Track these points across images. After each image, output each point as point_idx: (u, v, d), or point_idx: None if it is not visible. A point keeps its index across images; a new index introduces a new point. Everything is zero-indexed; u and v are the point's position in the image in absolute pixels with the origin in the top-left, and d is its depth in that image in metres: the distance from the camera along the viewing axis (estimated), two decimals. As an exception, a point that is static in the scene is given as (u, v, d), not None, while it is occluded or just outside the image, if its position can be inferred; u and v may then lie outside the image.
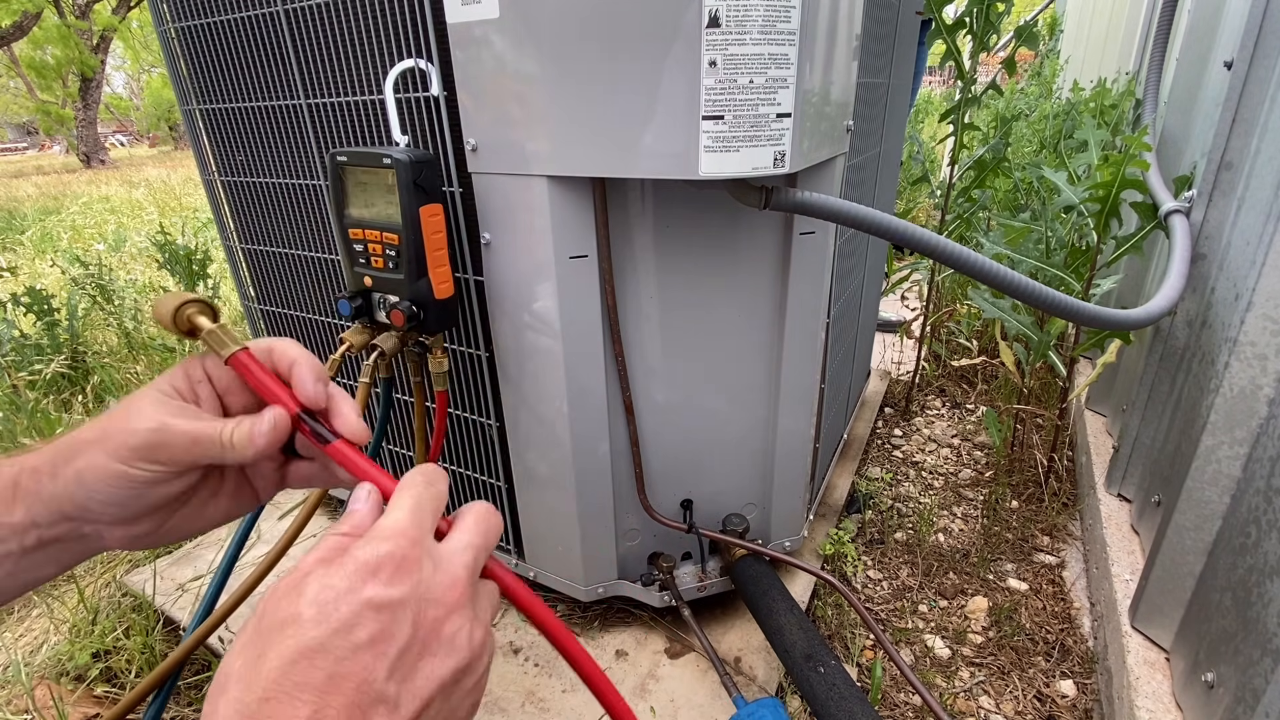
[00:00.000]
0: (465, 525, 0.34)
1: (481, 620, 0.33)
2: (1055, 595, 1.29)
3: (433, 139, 0.87)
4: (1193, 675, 0.85)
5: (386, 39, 0.85)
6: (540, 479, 1.02)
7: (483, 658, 0.32)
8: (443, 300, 0.81)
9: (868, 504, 1.55)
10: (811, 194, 0.78)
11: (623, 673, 1.06)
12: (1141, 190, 1.17)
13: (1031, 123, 2.64)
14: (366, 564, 0.29)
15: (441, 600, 0.30)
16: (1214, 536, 0.89)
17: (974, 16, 1.49)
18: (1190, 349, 1.05)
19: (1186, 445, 0.96)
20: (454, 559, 0.32)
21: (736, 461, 1.07)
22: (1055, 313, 0.86)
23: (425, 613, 0.30)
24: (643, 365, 0.96)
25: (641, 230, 0.88)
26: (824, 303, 0.99)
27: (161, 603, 1.23)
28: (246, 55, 1.01)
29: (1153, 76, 1.54)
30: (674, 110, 0.70)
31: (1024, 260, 1.38)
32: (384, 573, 0.29)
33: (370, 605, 0.28)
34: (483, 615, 0.33)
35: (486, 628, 0.33)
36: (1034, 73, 4.15)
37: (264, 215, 1.16)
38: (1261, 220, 0.86)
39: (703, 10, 0.65)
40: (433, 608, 0.30)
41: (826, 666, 0.89)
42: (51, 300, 2.17)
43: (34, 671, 1.13)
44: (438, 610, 0.30)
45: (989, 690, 1.10)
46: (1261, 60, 0.92)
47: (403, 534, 0.31)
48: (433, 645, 0.30)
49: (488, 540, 0.34)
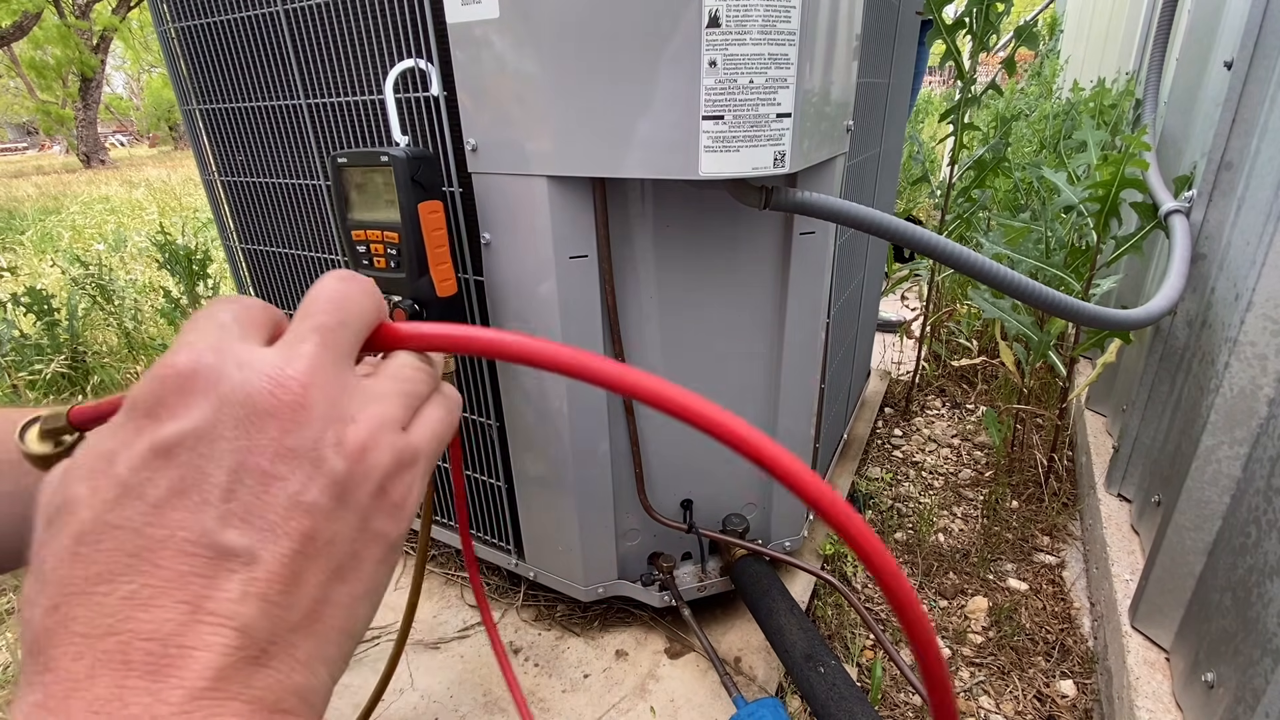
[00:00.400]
0: (302, 310, 0.25)
1: (365, 417, 0.24)
2: (1055, 595, 1.29)
3: (433, 139, 0.87)
4: (1193, 675, 0.85)
5: (386, 39, 0.85)
6: (540, 479, 1.02)
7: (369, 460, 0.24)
8: (445, 298, 0.81)
9: (868, 504, 1.55)
10: (811, 194, 0.78)
11: (622, 673, 1.06)
12: (1141, 190, 1.17)
13: (1031, 123, 2.64)
14: (135, 405, 0.22)
15: (271, 411, 0.22)
16: (1214, 536, 0.89)
17: (974, 16, 1.49)
18: (1190, 349, 1.05)
19: (1186, 445, 0.96)
20: (281, 352, 0.23)
21: (736, 461, 1.07)
22: (1055, 313, 0.86)
23: (254, 431, 0.21)
24: (643, 365, 0.96)
25: (641, 230, 0.88)
26: (824, 303, 0.99)
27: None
28: (246, 55, 1.01)
29: (1152, 76, 1.54)
30: (674, 110, 0.70)
31: (1024, 260, 1.38)
32: (167, 404, 0.21)
33: (155, 452, 0.21)
34: (367, 410, 0.24)
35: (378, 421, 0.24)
36: (1034, 73, 4.15)
37: (264, 215, 1.16)
38: (1261, 220, 0.86)
39: (703, 10, 0.65)
40: (265, 423, 0.22)
41: (826, 666, 0.89)
42: (51, 300, 2.17)
43: (34, 671, 1.12)
44: (271, 426, 0.22)
45: (989, 690, 1.10)
46: (1261, 60, 0.92)
47: (186, 347, 0.22)
48: (277, 467, 0.22)
49: (345, 314, 0.25)
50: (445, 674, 1.07)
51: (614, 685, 1.04)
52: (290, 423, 0.22)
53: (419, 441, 0.26)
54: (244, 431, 0.21)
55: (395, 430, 0.25)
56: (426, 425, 0.27)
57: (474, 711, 1.01)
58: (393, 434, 0.25)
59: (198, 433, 0.21)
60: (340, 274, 0.27)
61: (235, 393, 0.22)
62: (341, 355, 0.25)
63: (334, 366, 0.24)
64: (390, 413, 0.25)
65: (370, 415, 0.24)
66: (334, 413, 0.23)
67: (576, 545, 1.03)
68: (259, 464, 0.21)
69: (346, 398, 0.24)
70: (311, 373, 0.23)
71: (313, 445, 0.22)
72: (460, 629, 1.16)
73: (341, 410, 0.24)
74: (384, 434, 0.24)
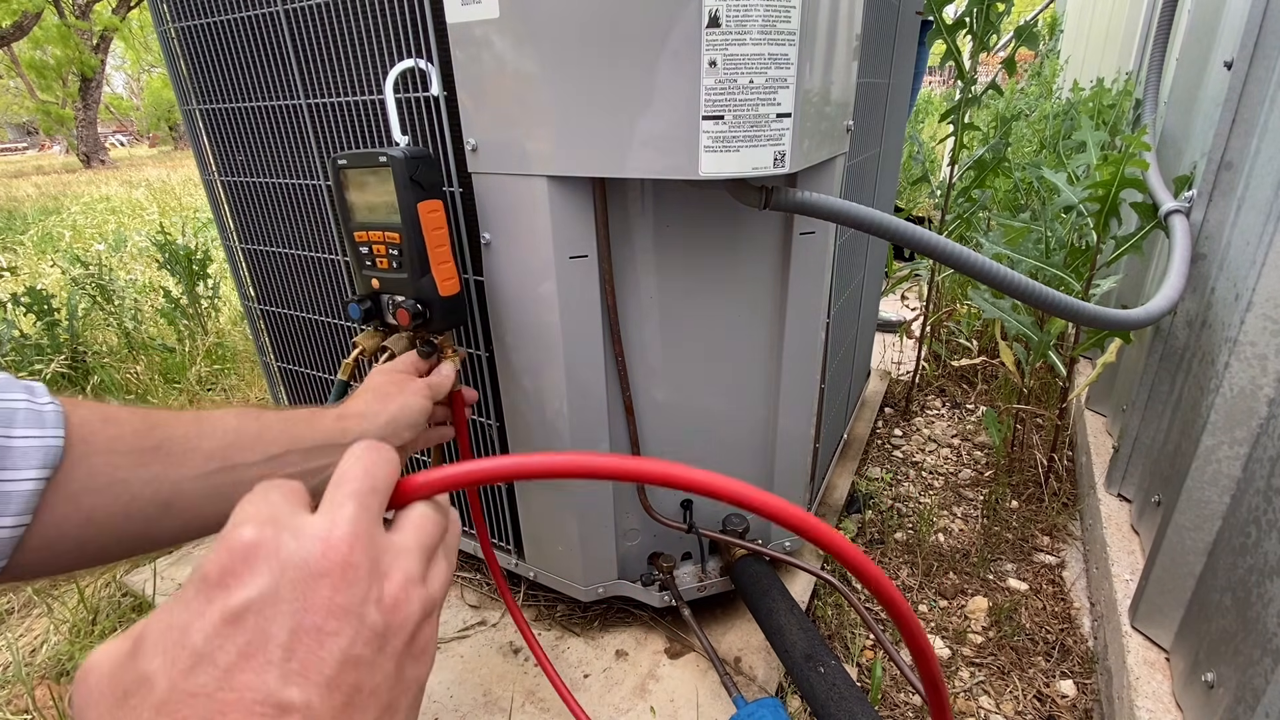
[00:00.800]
0: (334, 482, 0.29)
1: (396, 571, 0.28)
2: (1055, 595, 1.29)
3: (433, 139, 0.87)
4: (1193, 675, 0.85)
5: (386, 39, 0.85)
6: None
7: (402, 612, 0.27)
8: (447, 297, 0.81)
9: (868, 504, 1.55)
10: (811, 194, 0.78)
11: (622, 673, 1.06)
12: (1141, 190, 1.17)
13: (1031, 123, 2.64)
14: (207, 577, 0.25)
15: (325, 572, 0.25)
16: (1214, 536, 0.89)
17: (974, 16, 1.49)
18: (1190, 349, 1.05)
19: (1186, 445, 0.96)
20: (325, 519, 0.27)
21: (736, 461, 1.07)
22: (1055, 313, 0.86)
23: (310, 592, 0.25)
24: (643, 365, 0.96)
25: (641, 230, 0.88)
26: (824, 303, 0.99)
27: (161, 602, 1.23)
28: (246, 55, 1.01)
29: (1152, 76, 1.54)
30: (674, 110, 0.70)
31: (1024, 260, 1.38)
32: (234, 574, 0.24)
33: (225, 620, 0.23)
34: (397, 564, 0.28)
35: (406, 575, 0.28)
36: (1034, 73, 4.15)
37: (264, 215, 1.16)
38: (1261, 220, 0.86)
39: (703, 10, 0.65)
40: (319, 583, 0.25)
41: (826, 666, 0.89)
42: (51, 300, 2.17)
43: (34, 671, 1.13)
44: (325, 586, 0.25)
45: (989, 690, 1.10)
46: (1261, 60, 0.92)
47: (246, 523, 0.26)
48: (329, 623, 0.24)
49: (374, 481, 0.29)
50: (445, 674, 1.07)
51: (614, 685, 1.04)
52: (340, 581, 0.25)
53: (436, 593, 0.30)
54: (301, 592, 0.25)
55: (420, 583, 0.29)
56: (439, 576, 0.31)
57: (474, 711, 1.01)
58: (418, 586, 0.29)
59: (263, 598, 0.24)
60: (366, 444, 0.31)
61: (293, 558, 0.25)
62: (374, 516, 0.29)
63: (370, 527, 0.28)
64: (414, 568, 0.29)
65: (400, 571, 0.28)
66: (375, 570, 0.27)
67: (576, 545, 1.03)
68: (315, 621, 0.24)
69: (380, 554, 0.28)
70: (354, 535, 0.27)
71: (360, 601, 0.26)
72: (460, 629, 1.16)
73: (380, 567, 0.27)
74: (412, 588, 0.28)
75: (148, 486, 0.45)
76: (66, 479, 0.41)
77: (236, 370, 2.33)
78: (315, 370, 1.27)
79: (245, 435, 0.51)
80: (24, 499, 0.39)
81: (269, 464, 0.51)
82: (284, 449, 0.53)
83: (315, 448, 0.55)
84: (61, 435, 0.41)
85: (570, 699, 0.93)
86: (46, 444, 0.40)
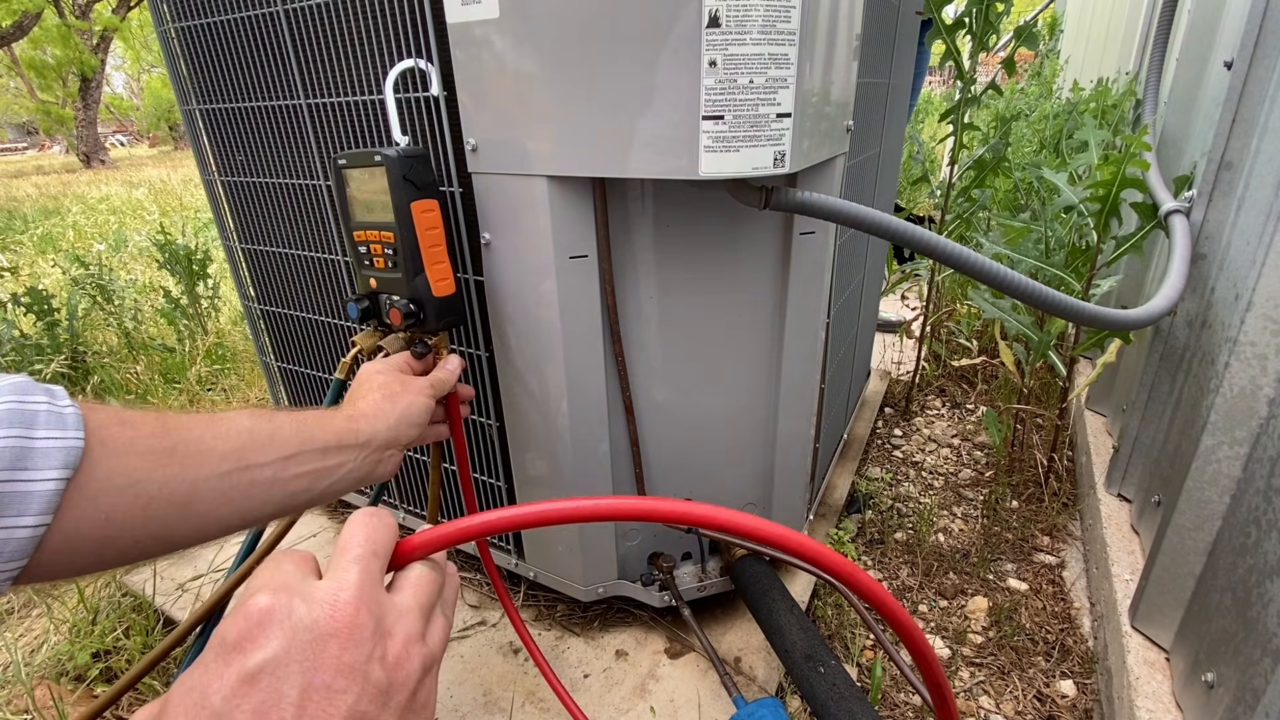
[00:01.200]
0: (338, 549, 0.32)
1: (399, 631, 0.30)
2: (1055, 595, 1.29)
3: (433, 139, 0.87)
4: (1193, 675, 0.85)
5: (386, 39, 0.85)
6: (540, 479, 1.02)
7: (404, 669, 0.29)
8: (441, 298, 0.81)
9: (868, 504, 1.55)
10: (811, 194, 0.78)
11: (622, 673, 1.06)
12: (1141, 190, 1.17)
13: (1031, 123, 2.64)
14: (225, 642, 0.27)
15: (333, 633, 0.28)
16: (1214, 536, 0.89)
17: (973, 16, 1.49)
18: (1190, 349, 1.05)
19: (1186, 445, 0.96)
20: (332, 584, 0.30)
21: (736, 461, 1.07)
22: (1055, 313, 0.86)
23: (320, 653, 0.27)
24: (643, 365, 0.96)
25: (641, 230, 0.88)
26: (824, 303, 0.99)
27: (161, 602, 1.24)
28: (246, 55, 1.01)
29: (1153, 76, 1.54)
30: (674, 110, 0.70)
31: (1024, 260, 1.38)
32: (250, 638, 0.27)
33: (244, 680, 0.26)
34: (400, 624, 0.30)
35: (407, 634, 0.30)
36: (1034, 73, 4.15)
37: (264, 215, 1.16)
38: (1261, 220, 0.86)
39: (703, 10, 0.65)
40: (328, 644, 0.27)
41: (826, 666, 0.89)
42: (51, 300, 2.17)
43: (34, 671, 1.13)
44: (333, 646, 0.27)
45: (989, 690, 1.10)
46: (1261, 60, 0.92)
47: (261, 590, 0.29)
48: (338, 681, 0.27)
49: (375, 545, 0.32)
50: (445, 674, 1.07)
51: (614, 685, 1.04)
52: (348, 641, 0.28)
53: (436, 649, 0.33)
54: (311, 653, 0.27)
55: (419, 640, 0.31)
56: (438, 633, 0.33)
57: (474, 711, 1.01)
58: (418, 644, 0.31)
59: (276, 659, 0.26)
60: (367, 512, 0.34)
61: (303, 621, 0.27)
62: (377, 579, 0.31)
63: (372, 590, 0.30)
64: (414, 627, 0.31)
65: (401, 631, 0.30)
66: (379, 630, 0.29)
67: (576, 545, 1.03)
68: (324, 680, 0.26)
69: (383, 614, 0.30)
70: (359, 598, 0.29)
71: (365, 660, 0.28)
72: (460, 629, 1.16)
73: (384, 627, 0.30)
74: (413, 646, 0.30)
75: (165, 488, 0.45)
76: (86, 480, 0.42)
77: (236, 370, 2.33)
78: (315, 370, 1.27)
79: (259, 436, 0.51)
80: (46, 499, 0.39)
81: (284, 464, 0.52)
82: (297, 449, 0.53)
83: (328, 448, 0.56)
84: (82, 437, 0.41)
85: (568, 699, 0.93)
86: (67, 445, 0.40)
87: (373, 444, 0.60)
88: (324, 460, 0.55)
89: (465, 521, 0.34)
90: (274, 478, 0.51)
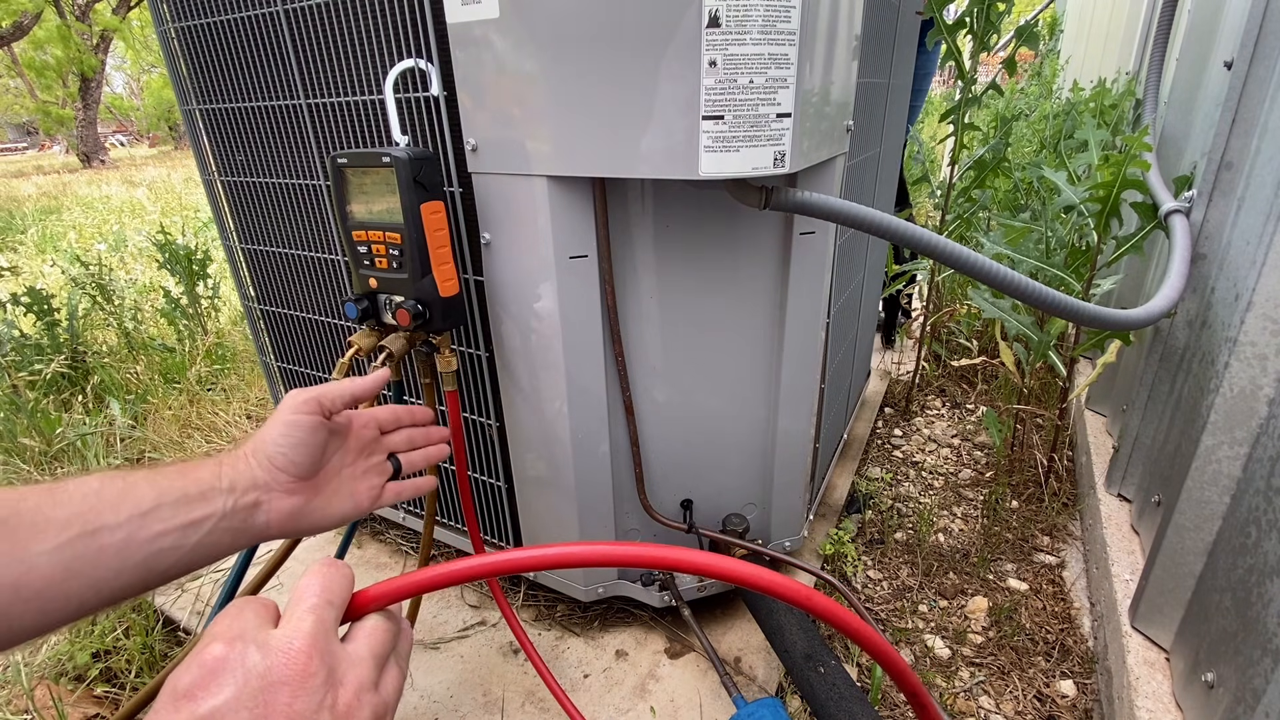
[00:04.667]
0: (293, 599, 0.33)
1: (350, 680, 0.31)
2: (1055, 595, 1.29)
3: (433, 139, 0.87)
4: (1193, 675, 0.85)
5: (386, 39, 0.85)
6: (540, 479, 1.02)
7: (354, 718, 0.30)
8: (448, 298, 0.81)
9: (868, 504, 1.55)
10: (811, 194, 0.78)
11: (622, 673, 1.06)
12: (1142, 190, 1.17)
13: (1031, 123, 2.64)
14: (176, 689, 0.28)
15: (285, 680, 0.28)
16: (1214, 536, 0.89)
17: (974, 16, 1.49)
18: (1190, 349, 1.05)
19: (1186, 445, 0.96)
20: (286, 631, 0.30)
21: (737, 461, 1.07)
22: (1055, 313, 0.86)
23: (271, 699, 0.28)
24: (643, 365, 0.96)
25: (641, 230, 0.88)
26: (824, 303, 0.99)
27: (161, 602, 1.24)
28: (246, 55, 1.01)
29: (1153, 76, 1.54)
30: (674, 110, 0.70)
31: (1024, 260, 1.38)
32: (202, 685, 0.28)
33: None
34: (351, 673, 0.31)
35: (359, 683, 0.31)
36: (1034, 73, 4.15)
37: (264, 215, 1.16)
38: (1261, 220, 0.86)
39: (703, 10, 0.65)
40: (279, 691, 0.28)
41: (826, 666, 0.89)
42: (51, 300, 2.17)
43: (34, 671, 1.13)
44: (284, 693, 0.28)
45: (989, 690, 1.10)
46: (1261, 60, 0.92)
47: (216, 639, 0.29)
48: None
49: (330, 595, 0.33)
50: (445, 674, 1.07)
51: (614, 685, 1.04)
52: (299, 689, 0.28)
53: (389, 698, 0.33)
54: (262, 700, 0.27)
55: (371, 689, 0.32)
56: (391, 683, 0.34)
57: (474, 711, 1.01)
58: (370, 693, 0.31)
59: (227, 705, 0.27)
60: (325, 562, 0.34)
61: (255, 669, 0.28)
62: (330, 629, 0.31)
63: (325, 639, 0.31)
64: (366, 676, 0.32)
65: (353, 680, 0.31)
66: (330, 679, 0.30)
67: (576, 545, 1.03)
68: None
69: (335, 663, 0.30)
70: (312, 647, 0.30)
71: (315, 708, 0.28)
72: (460, 629, 1.16)
73: (335, 676, 0.30)
74: (364, 694, 0.31)
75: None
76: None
77: (236, 370, 2.33)
78: (315, 370, 1.27)
79: (107, 496, 0.44)
80: None
81: (139, 521, 0.45)
82: (153, 503, 0.46)
83: (188, 498, 0.48)
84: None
85: (566, 701, 0.93)
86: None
87: (238, 486, 0.50)
88: (187, 512, 0.47)
89: (421, 574, 0.35)
90: (128, 539, 0.44)
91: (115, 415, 1.95)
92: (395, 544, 1.39)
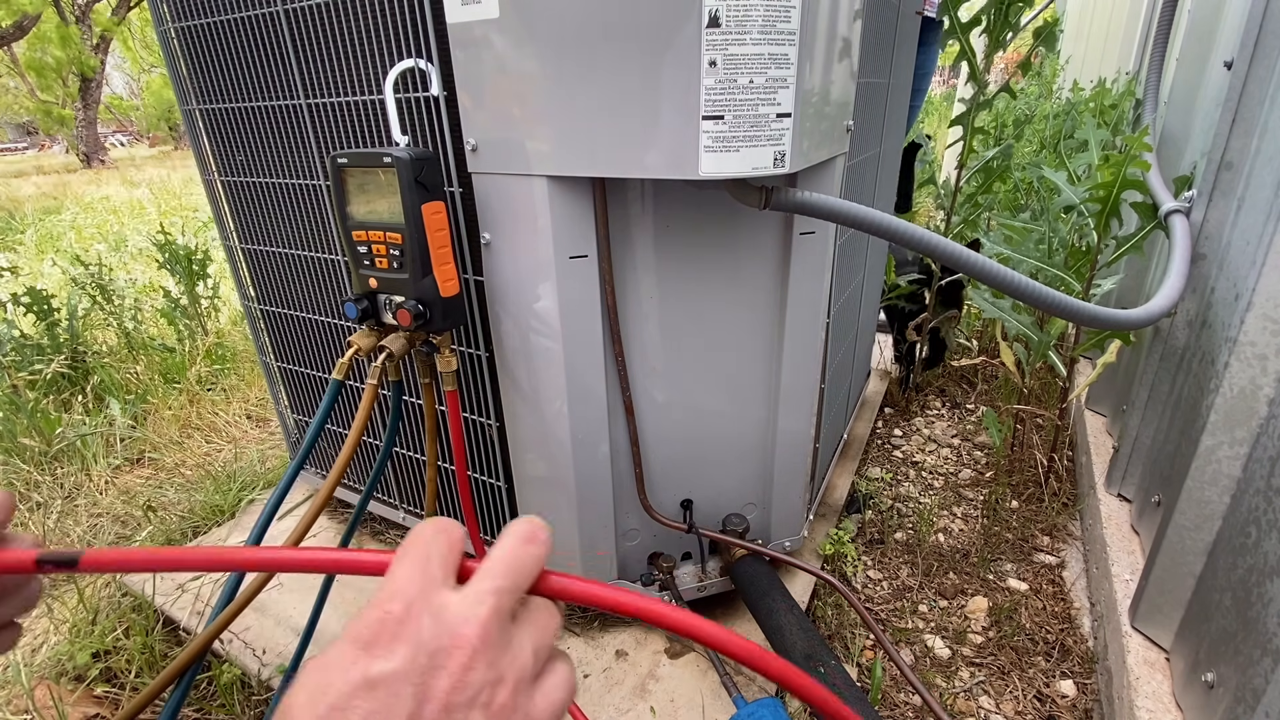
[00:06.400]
0: (485, 568, 0.31)
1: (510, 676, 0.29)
2: (1055, 595, 1.29)
3: (433, 139, 0.87)
4: (1193, 675, 0.85)
5: (386, 39, 0.85)
6: (540, 479, 1.02)
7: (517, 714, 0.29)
8: (449, 298, 0.81)
9: (868, 504, 1.55)
10: (811, 194, 0.78)
11: (622, 673, 1.06)
12: (1142, 190, 1.17)
13: (1031, 123, 2.64)
14: (359, 637, 0.27)
15: (448, 669, 0.27)
16: (1214, 536, 0.89)
17: (991, 15, 1.46)
18: (1190, 349, 1.05)
19: (1186, 445, 0.96)
20: (463, 610, 0.29)
21: (737, 461, 1.07)
22: (1055, 313, 0.86)
23: (432, 682, 0.27)
24: (643, 365, 0.96)
25: (641, 230, 0.88)
26: (824, 303, 0.99)
27: (161, 603, 1.23)
28: (246, 55, 1.01)
29: (1153, 76, 1.54)
30: (674, 110, 0.70)
31: (1024, 260, 1.38)
32: (380, 643, 0.27)
33: (364, 684, 0.26)
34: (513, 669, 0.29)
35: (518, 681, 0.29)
36: (1034, 73, 4.15)
37: (264, 215, 1.16)
38: (1261, 220, 0.86)
39: (703, 10, 0.65)
40: (440, 676, 0.27)
41: (826, 666, 0.89)
42: (51, 300, 2.17)
43: (34, 671, 1.13)
44: (444, 680, 0.27)
45: (989, 690, 1.10)
46: (1261, 60, 0.92)
47: (399, 593, 0.28)
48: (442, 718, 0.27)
49: (517, 576, 0.31)
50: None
51: (614, 685, 1.04)
52: (460, 680, 0.27)
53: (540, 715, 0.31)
54: (425, 680, 0.27)
55: (528, 690, 0.30)
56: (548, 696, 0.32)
57: (474, 711, 1.01)
58: (525, 696, 0.30)
59: (397, 674, 0.26)
60: (521, 537, 0.32)
61: (427, 644, 0.27)
62: (506, 615, 0.30)
63: (498, 627, 0.29)
64: (526, 671, 0.30)
65: (512, 676, 0.29)
66: (491, 674, 0.28)
67: (576, 545, 1.03)
68: (431, 712, 0.26)
69: (500, 654, 0.29)
70: (484, 635, 0.28)
71: (469, 702, 0.27)
72: (460, 629, 1.16)
73: (497, 670, 0.29)
74: (519, 697, 0.30)
75: None
76: None
77: (236, 370, 2.34)
78: (315, 370, 1.27)
79: None
80: None
81: None
82: None
83: None
84: None
85: None
86: None
87: None
88: None
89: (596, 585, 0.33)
90: None
91: (115, 415, 1.96)
92: (395, 544, 1.38)
